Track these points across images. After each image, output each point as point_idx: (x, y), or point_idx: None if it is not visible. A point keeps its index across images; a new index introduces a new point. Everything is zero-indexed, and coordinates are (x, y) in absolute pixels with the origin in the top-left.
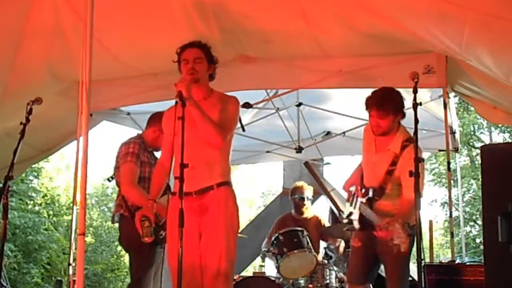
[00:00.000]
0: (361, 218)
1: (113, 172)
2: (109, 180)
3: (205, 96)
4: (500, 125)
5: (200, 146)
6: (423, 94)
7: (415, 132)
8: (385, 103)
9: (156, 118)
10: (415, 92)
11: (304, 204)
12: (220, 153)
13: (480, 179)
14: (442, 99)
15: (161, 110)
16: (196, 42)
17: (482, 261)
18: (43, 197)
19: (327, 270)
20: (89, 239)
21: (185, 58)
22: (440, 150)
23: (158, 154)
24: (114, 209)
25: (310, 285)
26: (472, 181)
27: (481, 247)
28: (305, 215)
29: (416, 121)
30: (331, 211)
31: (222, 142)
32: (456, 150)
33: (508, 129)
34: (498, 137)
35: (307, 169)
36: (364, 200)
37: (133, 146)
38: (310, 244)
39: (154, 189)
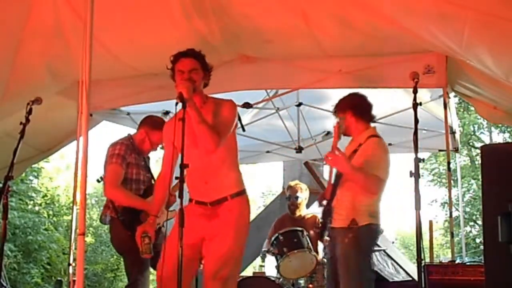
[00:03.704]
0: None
1: (103, 173)
2: (98, 181)
3: (201, 105)
4: (500, 125)
5: (208, 159)
6: (423, 94)
7: (415, 132)
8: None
9: (146, 122)
10: (415, 92)
11: (293, 204)
12: (229, 163)
13: (480, 179)
14: (442, 99)
15: (155, 114)
16: (190, 52)
17: (482, 261)
18: (43, 197)
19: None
20: (89, 239)
21: (180, 69)
22: (440, 150)
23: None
24: (102, 210)
25: (310, 285)
26: (472, 181)
27: (481, 247)
28: (298, 215)
29: (416, 121)
30: None
31: (216, 147)
32: (456, 150)
33: (508, 129)
34: (498, 137)
35: (307, 169)
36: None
37: (119, 148)
38: (310, 244)
39: (156, 204)
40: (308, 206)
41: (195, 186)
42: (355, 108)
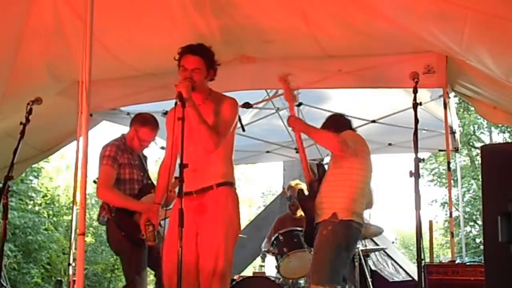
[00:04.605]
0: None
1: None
2: (95, 182)
3: (203, 100)
4: (500, 125)
5: (201, 149)
6: (423, 94)
7: (415, 132)
8: None
9: (136, 119)
10: (415, 92)
11: (294, 204)
12: (220, 155)
13: (480, 179)
14: (442, 99)
15: (145, 112)
16: (197, 49)
17: (482, 261)
18: (43, 197)
19: None
20: (89, 239)
21: (184, 65)
22: (440, 150)
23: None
24: (99, 210)
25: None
26: (472, 181)
27: (481, 247)
28: (299, 215)
29: (416, 121)
30: None
31: (216, 147)
32: (456, 150)
33: (508, 129)
34: (498, 137)
35: None
36: None
37: (110, 149)
38: None
39: (158, 192)
40: None
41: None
42: (334, 126)
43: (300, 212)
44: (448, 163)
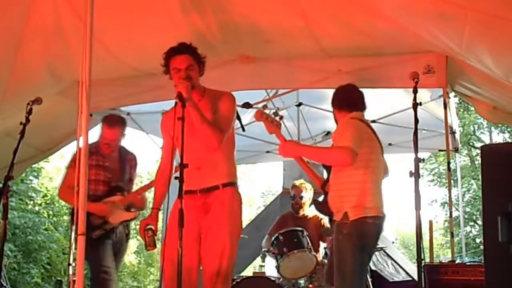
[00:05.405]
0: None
1: None
2: None
3: (199, 98)
4: (500, 125)
5: (204, 147)
6: (423, 94)
7: (415, 132)
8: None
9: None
10: (415, 92)
11: (297, 203)
12: (224, 153)
13: (480, 179)
14: (442, 99)
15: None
16: (182, 48)
17: (482, 261)
18: (43, 197)
19: None
20: None
21: (176, 67)
22: (440, 150)
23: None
24: None
25: (310, 285)
26: (472, 181)
27: (481, 247)
28: (301, 214)
29: (416, 121)
30: None
31: (219, 144)
32: (456, 150)
33: (508, 129)
34: (498, 137)
35: None
36: None
37: (78, 152)
38: (310, 244)
39: (156, 198)
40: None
41: (186, 174)
42: (334, 103)
43: (302, 212)
44: (448, 163)
